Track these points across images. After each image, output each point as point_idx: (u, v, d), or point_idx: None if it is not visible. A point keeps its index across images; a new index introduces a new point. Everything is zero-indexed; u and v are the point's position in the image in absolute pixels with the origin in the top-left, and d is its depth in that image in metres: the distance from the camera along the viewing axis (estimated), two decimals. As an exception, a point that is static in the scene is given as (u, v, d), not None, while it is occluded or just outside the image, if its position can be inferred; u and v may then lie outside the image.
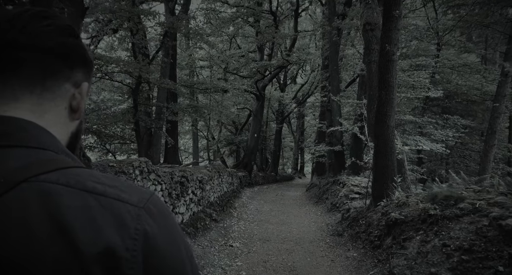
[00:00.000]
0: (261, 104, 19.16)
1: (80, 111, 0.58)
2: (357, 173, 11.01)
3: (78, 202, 0.42)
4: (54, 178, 0.44)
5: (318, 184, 15.17)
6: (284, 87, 26.03)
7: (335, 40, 12.26)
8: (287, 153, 36.90)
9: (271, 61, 16.48)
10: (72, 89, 0.56)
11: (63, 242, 0.40)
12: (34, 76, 0.51)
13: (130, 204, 0.45)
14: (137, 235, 0.44)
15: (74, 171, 0.46)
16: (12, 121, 0.49)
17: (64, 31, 0.54)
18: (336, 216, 8.64)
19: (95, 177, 0.47)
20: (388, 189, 5.99)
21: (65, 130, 0.56)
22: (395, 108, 6.02)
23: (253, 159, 20.16)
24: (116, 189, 0.46)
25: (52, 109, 0.53)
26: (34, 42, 0.50)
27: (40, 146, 0.48)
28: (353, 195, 8.58)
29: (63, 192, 0.43)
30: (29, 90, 0.51)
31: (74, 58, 0.55)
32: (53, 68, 0.53)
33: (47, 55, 0.51)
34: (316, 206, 11.33)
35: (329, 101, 13.13)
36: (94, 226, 0.42)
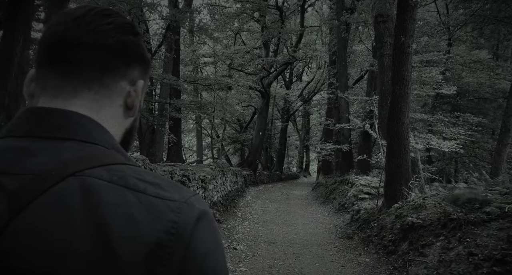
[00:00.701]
0: (266, 102, 18.81)
1: (135, 108, 0.58)
2: (366, 172, 10.64)
3: (117, 199, 0.43)
4: (98, 173, 0.44)
5: (325, 183, 14.81)
6: (289, 85, 25.63)
7: (343, 36, 11.86)
8: (292, 151, 36.51)
9: (277, 58, 16.11)
10: (128, 86, 0.56)
11: (99, 238, 0.41)
12: (93, 73, 0.52)
13: (170, 200, 0.45)
14: (174, 228, 0.43)
15: (119, 167, 0.47)
16: (69, 115, 0.50)
17: (124, 29, 0.54)
18: (344, 217, 8.28)
19: (139, 174, 0.47)
20: (402, 189, 5.63)
21: (120, 126, 0.57)
22: (409, 104, 5.65)
23: (258, 157, 19.83)
24: (158, 187, 0.46)
25: (108, 105, 0.54)
26: (96, 41, 0.51)
27: (92, 141, 0.49)
28: (363, 195, 8.22)
29: (104, 187, 0.43)
30: (88, 87, 0.52)
31: (131, 56, 0.55)
32: (111, 66, 0.53)
33: (106, 53, 0.52)
34: (323, 206, 10.97)
35: (337, 98, 12.75)
36: (131, 224, 0.42)
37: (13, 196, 0.42)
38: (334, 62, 14.92)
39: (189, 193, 0.48)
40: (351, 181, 10.04)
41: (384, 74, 6.86)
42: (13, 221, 0.40)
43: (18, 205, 0.41)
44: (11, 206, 0.41)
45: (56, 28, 0.52)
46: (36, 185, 0.43)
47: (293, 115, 27.62)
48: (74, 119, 0.50)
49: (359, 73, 18.57)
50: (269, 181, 20.78)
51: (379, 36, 6.88)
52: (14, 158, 0.45)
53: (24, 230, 0.40)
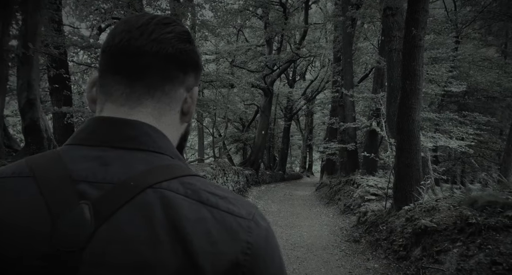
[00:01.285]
0: (269, 100, 18.51)
1: (190, 114, 0.60)
2: (372, 173, 10.32)
3: (195, 214, 0.45)
4: (174, 187, 0.46)
5: (329, 183, 14.50)
6: (293, 83, 25.32)
7: (349, 31, 11.54)
8: (295, 151, 36.20)
9: (280, 55, 15.80)
10: (185, 93, 0.58)
11: (183, 252, 0.42)
12: (155, 81, 0.54)
13: (240, 217, 0.47)
14: (249, 249, 0.45)
15: (190, 180, 0.49)
16: (137, 125, 0.52)
17: (182, 37, 0.56)
18: (350, 219, 7.98)
19: (207, 187, 0.49)
20: (412, 191, 5.33)
21: (177, 132, 0.59)
22: (421, 100, 5.35)
23: (261, 157, 19.55)
24: (227, 201, 0.48)
25: (167, 113, 0.56)
26: (158, 50, 0.53)
27: (160, 151, 0.51)
28: (369, 196, 7.91)
29: (182, 202, 0.45)
30: (151, 95, 0.54)
31: (188, 64, 0.57)
32: (172, 74, 0.55)
33: (167, 61, 0.54)
34: (327, 207, 10.67)
35: (342, 96, 12.44)
36: (211, 242, 0.44)
37: (97, 205, 0.43)
38: (338, 60, 14.59)
39: (252, 208, 0.50)
40: (356, 181, 9.73)
41: (393, 70, 6.55)
42: (99, 230, 0.41)
43: (103, 214, 0.42)
44: (96, 215, 0.42)
45: (121, 37, 0.53)
46: (118, 195, 0.44)
47: (296, 114, 27.32)
48: (142, 130, 0.52)
49: (363, 72, 18.24)
50: (272, 180, 20.50)
51: (387, 30, 6.57)
52: (91, 166, 0.47)
53: (111, 239, 0.41)
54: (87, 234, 0.41)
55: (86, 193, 0.44)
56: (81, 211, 0.42)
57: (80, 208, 0.43)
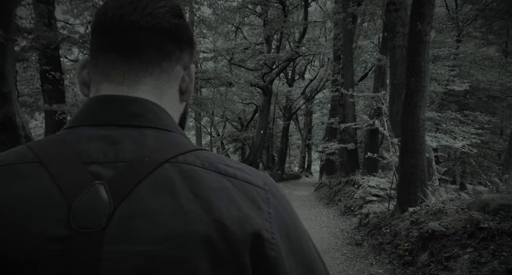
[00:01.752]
0: (268, 100, 18.29)
1: (188, 93, 0.58)
2: (372, 173, 10.11)
3: (217, 184, 0.45)
4: (191, 160, 0.46)
5: (328, 183, 14.28)
6: (292, 83, 25.08)
7: (350, 28, 11.31)
8: (294, 151, 36.00)
9: (279, 54, 15.57)
10: (182, 71, 0.56)
11: (211, 219, 0.42)
12: (152, 58, 0.52)
13: (258, 186, 0.48)
14: (271, 218, 0.46)
15: (203, 153, 0.48)
16: (142, 102, 0.50)
17: (175, 12, 0.54)
18: (351, 220, 7.77)
19: (222, 160, 0.49)
20: (417, 192, 5.12)
21: (177, 112, 0.57)
22: (426, 98, 5.13)
23: (259, 157, 19.33)
24: (243, 172, 0.48)
25: (167, 91, 0.54)
26: (154, 24, 0.51)
27: (168, 128, 0.50)
28: (371, 197, 7.70)
29: (202, 173, 0.45)
30: (149, 72, 0.52)
31: (183, 40, 0.55)
32: (168, 50, 0.53)
33: (163, 36, 0.52)
34: (327, 208, 10.46)
35: (342, 95, 12.21)
36: (237, 206, 0.44)
37: (113, 184, 0.42)
38: (338, 58, 14.37)
39: (267, 178, 0.50)
40: (357, 181, 9.52)
41: (396, 67, 6.34)
42: (118, 209, 0.41)
43: (120, 192, 0.42)
44: (114, 193, 0.41)
45: (113, 13, 0.51)
46: (134, 172, 0.43)
47: (295, 114, 27.11)
48: (148, 107, 0.50)
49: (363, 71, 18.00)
50: (271, 180, 20.26)
51: (390, 26, 6.35)
52: (100, 146, 0.45)
53: (133, 216, 0.41)
54: (106, 213, 0.40)
55: (100, 174, 0.43)
56: (97, 191, 0.41)
57: (95, 188, 0.41)
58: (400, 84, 6.36)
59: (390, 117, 6.46)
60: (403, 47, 6.33)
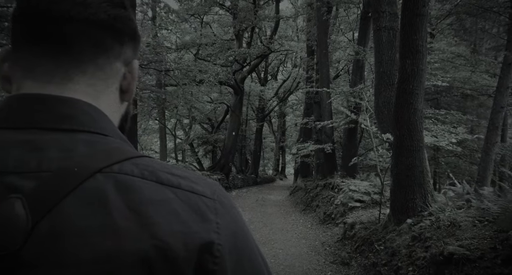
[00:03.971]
0: (240, 99, 17.24)
1: (130, 92, 0.53)
2: (352, 175, 9.25)
3: (157, 196, 0.40)
4: (128, 169, 0.41)
5: (304, 187, 13.39)
6: (265, 83, 24.24)
7: (325, 19, 10.48)
8: (268, 153, 35.29)
9: (251, 49, 14.56)
10: (123, 68, 0.51)
11: (150, 236, 0.37)
12: (85, 53, 0.46)
13: (205, 196, 0.43)
14: (219, 229, 0.42)
15: (144, 161, 0.43)
16: (74, 103, 0.44)
17: (115, 1, 0.48)
18: (332, 230, 6.80)
19: (166, 168, 0.44)
20: (415, 198, 4.19)
21: (117, 113, 0.52)
22: (424, 84, 4.24)
23: (231, 160, 18.18)
24: (189, 181, 0.44)
25: (105, 90, 0.49)
26: (87, 15, 0.44)
27: (103, 132, 0.45)
28: (354, 203, 6.77)
29: (140, 184, 0.40)
30: (82, 70, 0.46)
31: (125, 33, 0.49)
32: (105, 45, 0.47)
33: (99, 29, 0.46)
34: (304, 214, 9.49)
35: (317, 92, 11.34)
36: (179, 220, 0.40)
37: (32, 198, 0.36)
38: (312, 53, 13.55)
39: (215, 186, 0.46)
40: (336, 185, 8.61)
41: (382, 53, 5.46)
42: (39, 227, 0.35)
43: (42, 208, 0.36)
44: (33, 209, 0.36)
45: (38, 0, 0.44)
46: (59, 184, 0.37)
47: (268, 115, 26.33)
48: (80, 108, 0.44)
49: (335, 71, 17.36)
50: (244, 185, 19.22)
51: (375, 4, 5.48)
52: (19, 153, 0.39)
53: (57, 235, 0.35)
54: (22, 232, 0.34)
55: (17, 186, 0.36)
56: (11, 206, 0.35)
57: (10, 203, 0.35)
58: (388, 73, 5.48)
59: (376, 111, 5.57)
60: (390, 29, 5.46)
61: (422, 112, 4.25)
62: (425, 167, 4.29)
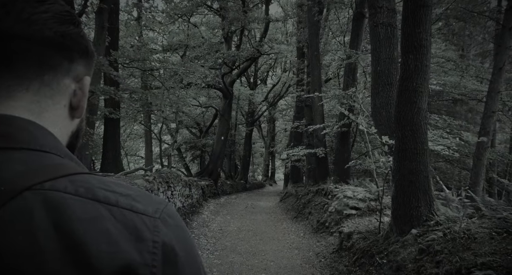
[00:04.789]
0: (229, 103, 16.81)
1: (81, 109, 0.52)
2: (345, 181, 8.90)
3: (89, 214, 0.38)
4: (61, 186, 0.39)
5: (295, 193, 13.00)
6: (254, 87, 23.90)
7: (316, 19, 10.20)
8: (257, 159, 34.92)
9: (240, 51, 14.20)
10: (73, 84, 0.50)
11: (74, 259, 0.35)
12: (30, 70, 0.45)
13: (145, 214, 0.41)
14: (156, 248, 0.39)
15: (82, 178, 0.41)
16: (11, 120, 0.43)
17: (63, 18, 0.47)
18: (327, 240, 6.40)
19: (106, 185, 0.42)
20: (420, 206, 3.83)
21: (65, 130, 0.51)
22: (428, 81, 3.90)
23: (220, 165, 17.68)
24: (129, 198, 0.41)
25: (50, 107, 0.48)
26: (31, 32, 0.44)
27: (43, 149, 0.43)
28: (349, 210, 6.39)
29: (71, 201, 0.38)
30: (25, 86, 0.46)
31: (75, 50, 0.49)
32: (52, 62, 0.47)
33: (45, 46, 0.45)
34: (296, 222, 9.07)
35: (308, 95, 11.02)
36: (108, 240, 0.37)
37: None
38: (302, 55, 13.27)
39: (161, 205, 0.43)
40: (330, 191, 8.23)
41: (379, 50, 5.14)
42: None
43: None
44: None
45: None
46: None
47: (258, 120, 25.97)
48: (17, 125, 0.43)
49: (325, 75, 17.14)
50: (233, 191, 18.73)
51: (372, 0, 5.18)
52: None
53: None
54: None
55: None
56: None
57: None
58: (386, 71, 5.16)
59: (373, 112, 5.23)
60: (388, 26, 5.15)
61: (426, 112, 3.91)
62: (429, 172, 3.94)
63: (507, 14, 11.90)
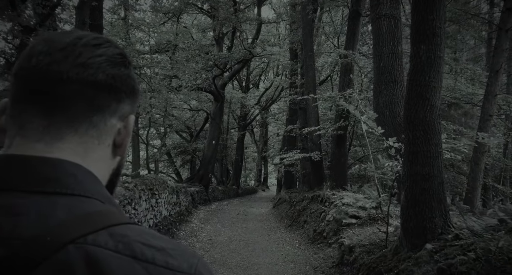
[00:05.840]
0: (220, 106, 16.32)
1: (124, 146, 0.52)
2: (342, 187, 8.43)
3: (126, 272, 0.38)
4: (102, 242, 0.39)
5: (288, 199, 12.49)
6: (246, 90, 23.45)
7: (310, 19, 9.79)
8: (250, 164, 34.40)
9: (232, 53, 13.73)
10: (118, 123, 0.50)
11: None
12: (80, 113, 0.46)
13: (180, 272, 0.41)
14: None
15: (122, 230, 0.41)
16: (58, 163, 0.43)
17: (116, 60, 0.48)
18: (325, 252, 5.89)
19: (143, 238, 0.42)
20: (434, 218, 3.36)
21: (107, 168, 0.51)
22: (442, 75, 3.46)
23: (211, 170, 17.10)
24: (165, 254, 0.41)
25: (96, 147, 0.48)
26: (86, 76, 0.45)
27: (87, 194, 0.43)
28: (348, 219, 5.91)
29: (111, 259, 0.38)
30: (75, 129, 0.46)
31: (123, 90, 0.49)
32: (102, 103, 0.47)
33: (96, 89, 0.46)
34: (290, 231, 8.55)
35: (302, 97, 10.58)
36: None
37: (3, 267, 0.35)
38: (295, 56, 12.86)
39: (194, 259, 0.43)
40: (326, 197, 7.74)
41: (382, 45, 4.71)
42: None
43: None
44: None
45: (39, 60, 0.44)
46: (29, 254, 0.36)
47: (250, 124, 25.51)
48: (65, 170, 0.43)
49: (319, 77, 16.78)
50: (225, 197, 18.16)
51: (373, -10, 4.76)
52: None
53: None
54: None
55: None
56: None
57: None
58: (389, 68, 4.72)
59: (377, 112, 4.77)
60: (391, 18, 4.73)
61: (439, 110, 3.46)
62: (444, 177, 3.47)
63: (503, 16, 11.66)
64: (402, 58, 4.82)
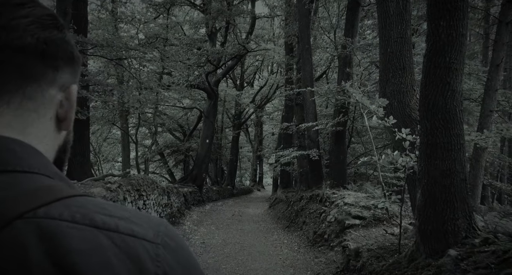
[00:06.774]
0: (214, 104, 15.82)
1: (68, 120, 0.48)
2: (343, 185, 8.00)
3: (88, 243, 0.35)
4: (56, 213, 0.35)
5: (285, 199, 12.06)
6: (241, 88, 22.99)
7: (307, 9, 9.35)
8: (245, 163, 33.97)
9: (225, 49, 13.25)
10: (59, 94, 0.46)
11: None
12: (11, 83, 0.42)
13: (146, 240, 0.38)
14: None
15: (76, 201, 0.38)
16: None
17: (46, 22, 0.43)
18: (327, 255, 5.44)
19: (102, 208, 0.39)
20: (457, 219, 2.93)
21: (52, 144, 0.47)
22: (465, 56, 3.02)
23: (205, 170, 16.60)
24: (128, 222, 0.38)
25: (35, 121, 0.44)
26: (10, 40, 0.40)
27: (31, 170, 0.39)
28: (352, 220, 5.48)
29: (68, 230, 0.35)
30: (6, 101, 0.42)
31: (60, 57, 0.44)
32: (35, 72, 0.42)
33: (26, 55, 0.41)
34: (288, 233, 8.10)
35: (299, 93, 10.15)
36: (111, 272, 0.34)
37: None
38: (291, 51, 12.43)
39: (160, 226, 0.40)
40: (326, 197, 7.31)
41: (389, 28, 4.28)
42: None
43: None
44: None
45: None
46: None
47: (245, 123, 25.06)
48: (2, 145, 0.39)
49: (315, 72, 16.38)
50: (219, 197, 17.69)
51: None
52: None
53: None
54: None
55: None
56: None
57: None
58: (397, 53, 4.30)
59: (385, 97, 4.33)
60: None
61: (461, 96, 3.03)
62: (467, 174, 3.05)
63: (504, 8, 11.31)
64: (411, 43, 4.40)
